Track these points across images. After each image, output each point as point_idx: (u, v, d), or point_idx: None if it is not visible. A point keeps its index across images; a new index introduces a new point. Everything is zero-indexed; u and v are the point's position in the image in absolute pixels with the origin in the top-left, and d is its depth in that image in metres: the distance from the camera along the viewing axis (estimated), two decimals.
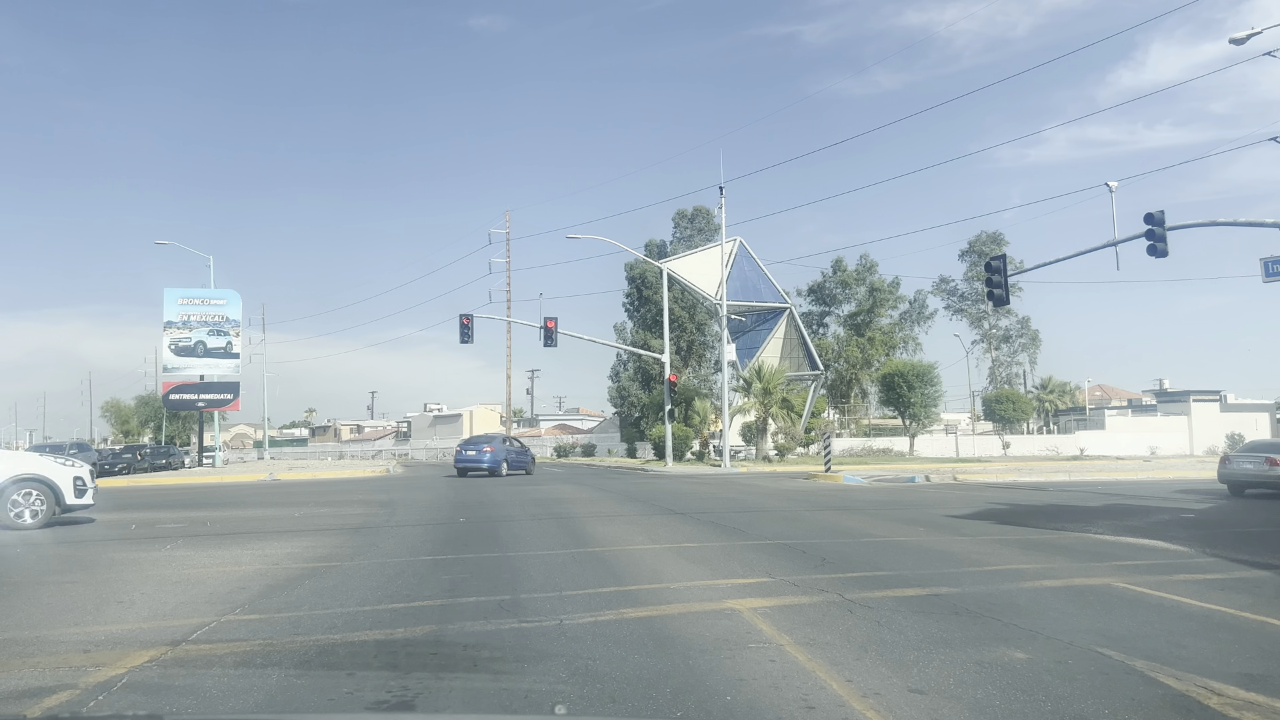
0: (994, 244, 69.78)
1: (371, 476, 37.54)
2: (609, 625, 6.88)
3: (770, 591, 8.39)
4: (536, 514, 17.23)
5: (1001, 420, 64.73)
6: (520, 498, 22.19)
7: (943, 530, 14.18)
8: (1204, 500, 21.29)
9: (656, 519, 16.20)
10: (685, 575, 9.47)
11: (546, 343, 41.67)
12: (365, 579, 9.26)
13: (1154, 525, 15.19)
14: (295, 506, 19.91)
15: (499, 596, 8.13)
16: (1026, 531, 14.18)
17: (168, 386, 48.64)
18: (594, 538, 13.12)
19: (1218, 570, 10.07)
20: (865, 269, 65.85)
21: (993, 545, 12.26)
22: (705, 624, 6.97)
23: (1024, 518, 16.55)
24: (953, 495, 22.89)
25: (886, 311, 66.35)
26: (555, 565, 10.22)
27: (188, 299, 48.45)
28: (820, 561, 10.50)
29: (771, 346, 54.10)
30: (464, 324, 41.31)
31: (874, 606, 7.63)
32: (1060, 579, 9.25)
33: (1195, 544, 12.42)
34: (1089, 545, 12.33)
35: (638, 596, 8.13)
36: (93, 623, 7.23)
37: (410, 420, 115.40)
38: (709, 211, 66.14)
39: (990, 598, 8.09)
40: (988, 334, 75.14)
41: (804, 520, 15.88)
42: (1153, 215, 23.89)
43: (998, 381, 74.16)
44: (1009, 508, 18.85)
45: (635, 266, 65.84)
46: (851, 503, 20.23)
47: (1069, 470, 36.44)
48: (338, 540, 13.05)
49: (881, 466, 39.42)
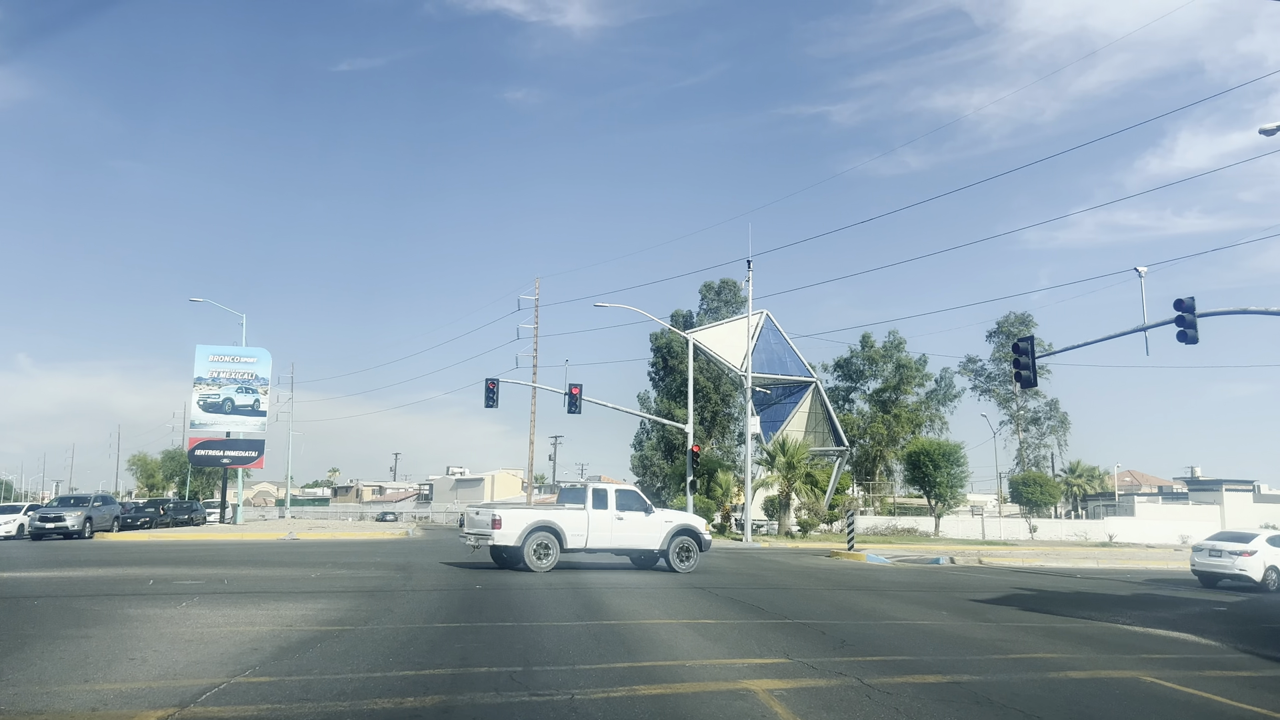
0: (1022, 325, 69.52)
1: (390, 539, 37.41)
2: (621, 702, 6.76)
3: (787, 673, 8.23)
4: (552, 583, 17.06)
5: (1028, 503, 63.66)
6: None
7: (966, 615, 13.89)
8: (1237, 593, 20.75)
9: (674, 593, 15.98)
10: (701, 652, 9.32)
11: (571, 409, 41.70)
12: (378, 644, 9.18)
13: (1185, 617, 14.81)
14: (313, 567, 19.84)
15: (511, 668, 8.02)
16: (1052, 619, 13.87)
17: (194, 442, 49.01)
18: (610, 610, 12.96)
19: (1249, 667, 9.78)
20: (893, 346, 65.72)
21: (1017, 632, 11.99)
22: (719, 704, 6.83)
23: (1050, 604, 16.19)
24: (977, 579, 22.46)
25: (913, 389, 66.00)
26: (569, 637, 10.10)
27: (219, 356, 49.08)
28: (840, 643, 10.30)
29: (796, 420, 53.84)
30: (489, 388, 41.46)
31: (893, 692, 7.46)
32: (1086, 670, 9.01)
33: (1227, 639, 12.09)
34: (1117, 636, 12.03)
35: (652, 673, 8.00)
36: (103, 680, 7.20)
37: (432, 483, 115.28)
38: (735, 284, 66.57)
39: (1013, 687, 7.89)
40: (1016, 415, 74.41)
41: (825, 599, 15.62)
42: (1183, 301, 23.74)
43: (1025, 464, 73.17)
44: (1035, 593, 18.46)
45: (661, 336, 66.09)
46: (874, 583, 19.89)
47: (1097, 557, 35.75)
48: (353, 603, 12.97)
49: (905, 546, 38.81)
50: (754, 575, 21.01)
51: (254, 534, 36.89)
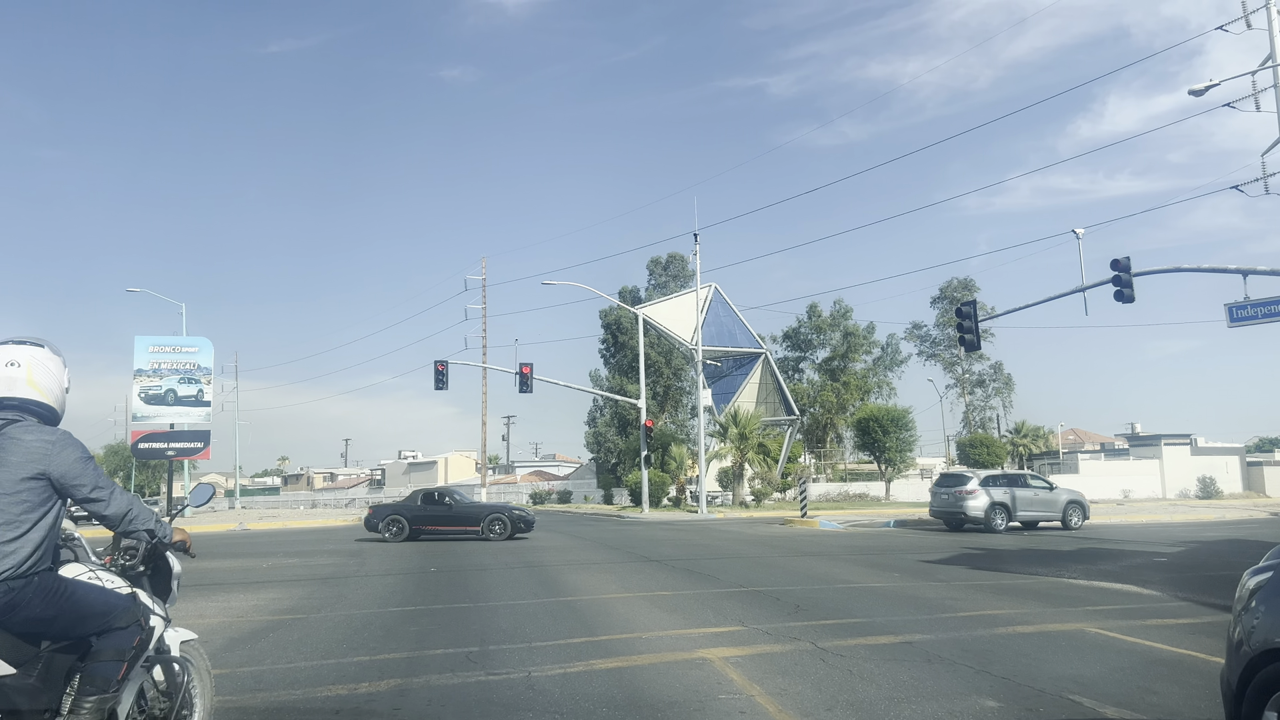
0: (965, 290, 70.51)
1: (343, 526, 37.03)
2: (578, 677, 6.77)
3: (743, 640, 8.31)
4: (509, 562, 17.04)
5: (976, 464, 64.89)
6: (493, 546, 21.94)
7: (917, 576, 14.13)
8: (1176, 544, 21.39)
9: (630, 566, 16.05)
10: (657, 624, 9.37)
11: (522, 389, 41.54)
12: (331, 631, 9.09)
13: (1128, 569, 15.23)
14: (263, 557, 19.59)
15: (467, 648, 8.00)
16: (1000, 576, 14.17)
17: (137, 435, 47.93)
18: (566, 586, 12.97)
19: (1188, 614, 10.08)
20: (839, 315, 66.29)
21: (966, 590, 12.23)
22: (676, 675, 6.87)
23: (998, 562, 16.55)
24: (928, 540, 22.86)
25: (860, 357, 66.69)
26: (526, 615, 10.09)
27: (159, 347, 48.01)
28: (794, 609, 10.42)
29: (747, 392, 54.18)
30: (439, 370, 41.11)
31: (847, 655, 7.57)
32: (1033, 624, 9.22)
33: (1167, 588, 12.45)
34: (1063, 590, 12.33)
35: (609, 647, 8.02)
36: None
37: (384, 468, 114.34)
38: (683, 258, 66.64)
39: (963, 644, 8.04)
40: (961, 379, 75.66)
41: (779, 566, 15.79)
42: (1119, 261, 24.25)
43: (972, 426, 74.49)
44: (983, 552, 18.85)
45: (610, 313, 66.01)
46: (827, 548, 20.15)
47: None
48: (305, 591, 12.83)
49: (857, 511, 39.37)
50: (709, 546, 21.17)
51: (203, 526, 36.25)
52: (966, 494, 26.80)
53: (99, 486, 3.62)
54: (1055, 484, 29.50)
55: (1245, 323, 22.15)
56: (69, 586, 3.56)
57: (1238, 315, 22.23)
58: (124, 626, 3.65)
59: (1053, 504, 27.90)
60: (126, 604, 3.74)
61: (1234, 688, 4.07)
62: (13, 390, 3.57)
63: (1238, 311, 22.24)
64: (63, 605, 3.48)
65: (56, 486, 3.52)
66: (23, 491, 3.41)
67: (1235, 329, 22.37)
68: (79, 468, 3.55)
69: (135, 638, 3.70)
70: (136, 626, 3.73)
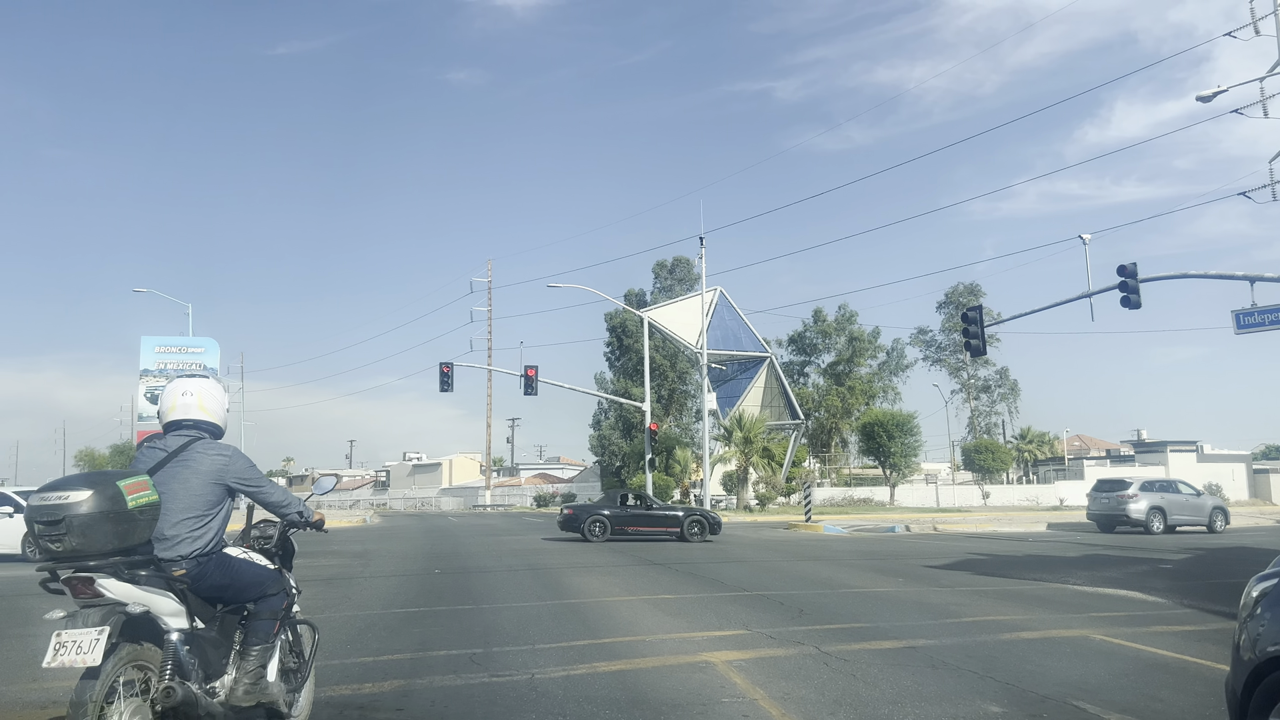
0: (971, 295, 70.43)
1: (348, 526, 37.09)
2: (581, 679, 6.77)
3: (746, 644, 8.30)
4: (512, 565, 17.04)
5: (981, 470, 64.79)
6: (497, 548, 21.96)
7: (921, 581, 14.11)
8: (1182, 551, 21.33)
9: (634, 570, 16.04)
10: (661, 627, 9.36)
11: (527, 391, 41.58)
12: (334, 632, 9.09)
13: (1132, 576, 15.19)
14: None
15: (470, 650, 8.00)
16: (1005, 582, 14.14)
17: (143, 435, 47.72)
18: (570, 589, 12.98)
19: (1194, 621, 10.05)
20: (845, 319, 66.22)
21: (971, 596, 12.20)
22: (679, 678, 6.87)
23: (1003, 568, 16.51)
24: (932, 545, 22.83)
25: (866, 361, 66.61)
26: (529, 617, 10.09)
27: (165, 347, 48.03)
28: (798, 613, 10.41)
29: (752, 395, 54.17)
30: (444, 372, 41.18)
31: (850, 659, 7.56)
32: (1037, 630, 9.20)
33: (1172, 595, 12.42)
34: (1067, 596, 12.30)
35: (612, 649, 8.02)
36: (52, 678, 7.03)
37: (389, 469, 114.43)
38: (689, 261, 66.61)
39: (967, 650, 8.03)
40: (967, 384, 75.55)
41: (783, 571, 15.78)
42: (1125, 267, 24.21)
43: (977, 431, 74.39)
44: (988, 558, 18.81)
45: (615, 316, 66.01)
46: (831, 553, 20.13)
47: (1049, 520, 36.50)
48: (309, 592, 12.80)
49: (862, 516, 39.32)
50: (712, 549, 21.15)
51: None
52: (1128, 498, 28.69)
53: (262, 484, 4.75)
54: (1201, 490, 31.77)
55: (1252, 329, 22.09)
56: (235, 562, 4.66)
57: (1245, 322, 22.17)
58: (274, 593, 4.73)
59: (1200, 509, 29.68)
60: (275, 576, 4.86)
61: (1239, 695, 4.06)
62: (190, 414, 4.68)
63: (1245, 318, 22.18)
64: (233, 576, 4.57)
65: (231, 489, 4.62)
66: (208, 493, 4.51)
67: (1242, 335, 22.32)
68: (248, 474, 4.67)
69: (284, 602, 4.81)
70: (283, 594, 4.82)
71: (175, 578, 4.23)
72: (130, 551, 4.03)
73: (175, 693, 3.98)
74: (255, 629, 4.59)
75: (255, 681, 4.48)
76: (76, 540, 3.86)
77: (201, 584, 4.37)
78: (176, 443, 4.59)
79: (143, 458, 4.59)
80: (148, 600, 4.08)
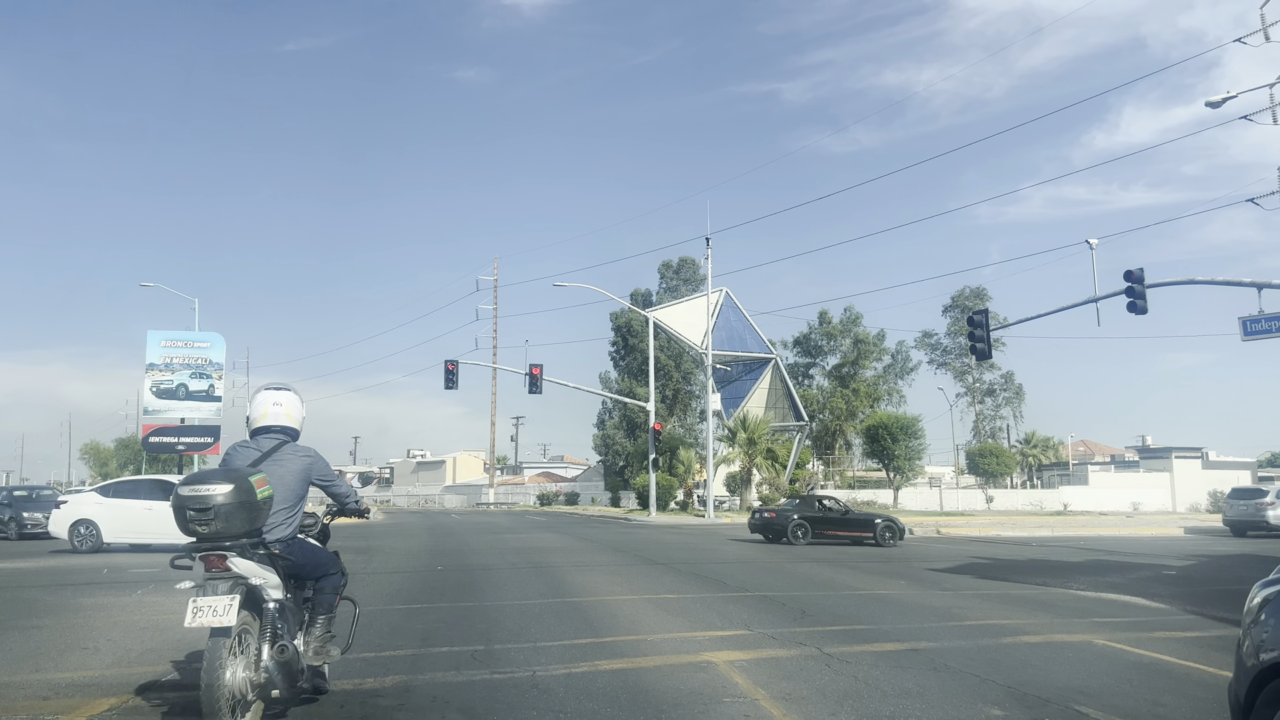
0: (977, 299, 70.23)
1: (350, 523, 37.12)
2: (582, 677, 6.77)
3: (748, 644, 8.30)
4: (515, 563, 17.06)
5: (985, 474, 64.68)
6: (500, 546, 21.98)
7: (924, 584, 14.10)
8: (1185, 558, 21.28)
9: (637, 569, 16.05)
10: (663, 627, 9.36)
11: (531, 389, 41.64)
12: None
13: (1135, 581, 15.15)
14: None
15: (472, 646, 8.01)
16: (1008, 586, 14.12)
17: (147, 429, 48.09)
18: (572, 587, 12.98)
19: (1197, 628, 10.03)
20: (850, 321, 66.18)
21: (974, 600, 12.19)
22: (681, 677, 6.87)
23: (1006, 572, 16.49)
24: (935, 549, 22.81)
25: (871, 364, 66.55)
26: (531, 615, 10.10)
27: (171, 341, 48.12)
28: (800, 614, 10.41)
29: (756, 397, 54.14)
30: (449, 370, 41.24)
31: (852, 661, 7.55)
32: (1040, 634, 9.19)
33: (1175, 601, 12.39)
34: (1070, 601, 12.28)
35: (614, 648, 8.02)
36: (55, 669, 7.07)
37: (393, 466, 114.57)
38: (694, 262, 66.58)
39: (969, 653, 8.02)
40: (971, 388, 75.39)
41: (786, 572, 15.77)
42: (1132, 273, 24.16)
43: (981, 435, 74.20)
44: (991, 562, 18.79)
45: (621, 315, 66.02)
46: (834, 555, 20.11)
47: (1052, 525, 36.48)
48: None
49: None
50: (716, 550, 21.15)
51: None
52: (1266, 505, 30.61)
53: (335, 480, 5.79)
54: None
55: (1259, 336, 22.04)
56: (308, 545, 5.65)
57: (1252, 329, 22.12)
58: (334, 572, 5.69)
59: None
60: (334, 558, 5.82)
61: (1242, 701, 4.04)
62: (279, 420, 5.60)
63: (1252, 325, 22.13)
64: (309, 556, 5.53)
65: (311, 484, 5.59)
66: (298, 487, 5.45)
67: (1249, 342, 22.27)
68: (327, 472, 5.68)
69: (342, 580, 5.79)
70: (340, 573, 5.78)
71: (277, 556, 5.13)
72: (253, 534, 4.91)
73: (288, 649, 4.92)
74: (320, 601, 5.53)
75: (323, 644, 5.48)
76: (221, 524, 4.68)
77: (290, 563, 5.24)
78: (268, 444, 5.48)
79: (237, 455, 5.46)
80: (263, 575, 4.94)
